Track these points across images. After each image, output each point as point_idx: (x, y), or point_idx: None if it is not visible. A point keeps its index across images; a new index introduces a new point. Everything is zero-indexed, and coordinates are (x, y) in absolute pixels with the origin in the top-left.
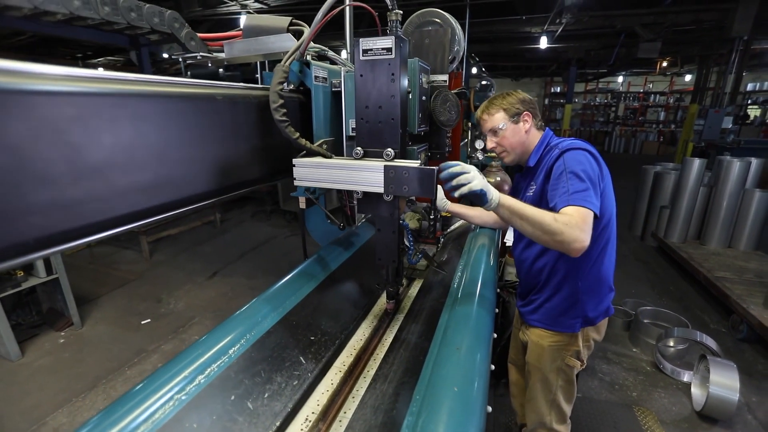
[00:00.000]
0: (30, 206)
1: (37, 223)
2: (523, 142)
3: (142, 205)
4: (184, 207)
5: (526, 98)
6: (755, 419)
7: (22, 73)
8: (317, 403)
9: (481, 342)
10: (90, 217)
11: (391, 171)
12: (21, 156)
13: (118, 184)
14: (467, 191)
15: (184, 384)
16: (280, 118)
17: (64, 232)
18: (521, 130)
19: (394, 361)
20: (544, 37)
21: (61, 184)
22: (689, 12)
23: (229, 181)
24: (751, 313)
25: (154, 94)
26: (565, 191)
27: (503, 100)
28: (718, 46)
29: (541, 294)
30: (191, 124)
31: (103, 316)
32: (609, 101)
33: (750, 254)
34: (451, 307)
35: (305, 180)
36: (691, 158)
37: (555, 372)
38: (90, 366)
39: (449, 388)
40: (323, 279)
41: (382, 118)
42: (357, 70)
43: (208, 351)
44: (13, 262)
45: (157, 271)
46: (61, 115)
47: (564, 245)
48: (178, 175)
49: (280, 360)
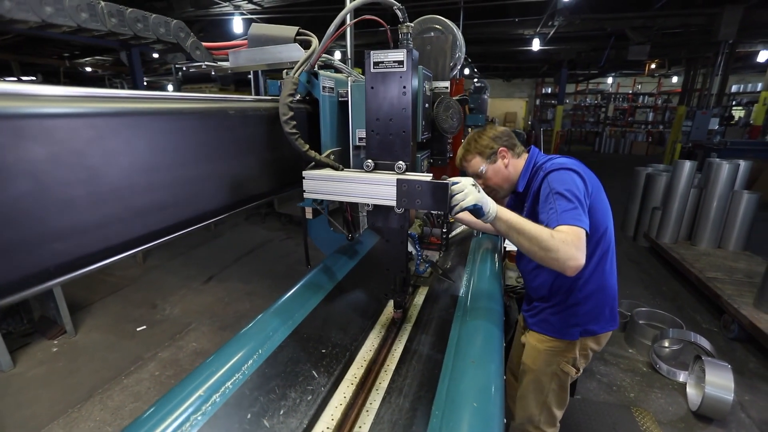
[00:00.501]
0: (52, 232)
1: (59, 250)
2: (507, 176)
3: (159, 225)
4: (199, 223)
5: (499, 134)
6: (748, 417)
7: (39, 96)
8: (331, 417)
9: (493, 354)
10: (109, 239)
11: (404, 185)
12: (41, 181)
13: (135, 205)
14: (459, 210)
15: (200, 404)
16: (290, 130)
17: (84, 256)
18: (501, 167)
19: (407, 374)
20: (537, 39)
21: (81, 207)
22: (678, 16)
23: (241, 196)
24: (742, 313)
25: (169, 111)
26: (554, 212)
27: (476, 143)
28: (704, 49)
29: (543, 302)
30: (205, 140)
31: (96, 324)
32: (599, 102)
33: (739, 254)
34: (462, 318)
35: (315, 192)
36: (682, 161)
37: (549, 375)
38: (85, 375)
39: (468, 403)
40: (330, 290)
41: (393, 130)
42: (368, 82)
43: (221, 368)
44: (35, 290)
45: (151, 276)
46: (79, 138)
47: (559, 263)
48: (194, 192)
49: (294, 375)
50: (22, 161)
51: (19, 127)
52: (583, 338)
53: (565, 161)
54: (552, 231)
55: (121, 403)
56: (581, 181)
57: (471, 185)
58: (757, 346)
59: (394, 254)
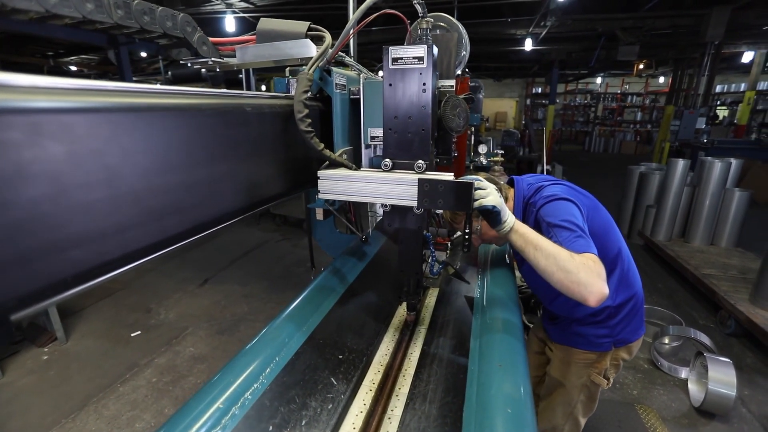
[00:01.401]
0: (69, 238)
1: (77, 257)
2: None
3: (178, 228)
4: (217, 226)
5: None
6: (749, 412)
7: (54, 89)
8: (353, 426)
9: (519, 357)
10: (128, 245)
11: (426, 184)
12: (59, 182)
13: (154, 207)
14: (478, 206)
15: (219, 416)
16: (305, 128)
17: (102, 264)
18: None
19: (429, 379)
20: (529, 39)
21: (100, 211)
22: (667, 17)
23: (257, 197)
24: (738, 308)
25: (187, 107)
26: (558, 244)
27: None
28: (691, 50)
29: (570, 317)
30: (223, 138)
31: (89, 330)
32: (588, 102)
33: (731, 251)
34: (481, 322)
35: (330, 193)
36: (675, 159)
37: (578, 388)
38: (78, 384)
39: (502, 409)
40: (342, 293)
41: (411, 129)
42: (386, 79)
43: (238, 378)
44: (50, 301)
45: (145, 280)
46: (96, 135)
47: (580, 287)
48: (211, 193)
49: (312, 383)
50: (38, 160)
51: (35, 122)
52: (615, 349)
53: (553, 192)
54: (572, 252)
55: (118, 412)
56: (575, 208)
57: (494, 189)
58: (753, 341)
59: (410, 255)
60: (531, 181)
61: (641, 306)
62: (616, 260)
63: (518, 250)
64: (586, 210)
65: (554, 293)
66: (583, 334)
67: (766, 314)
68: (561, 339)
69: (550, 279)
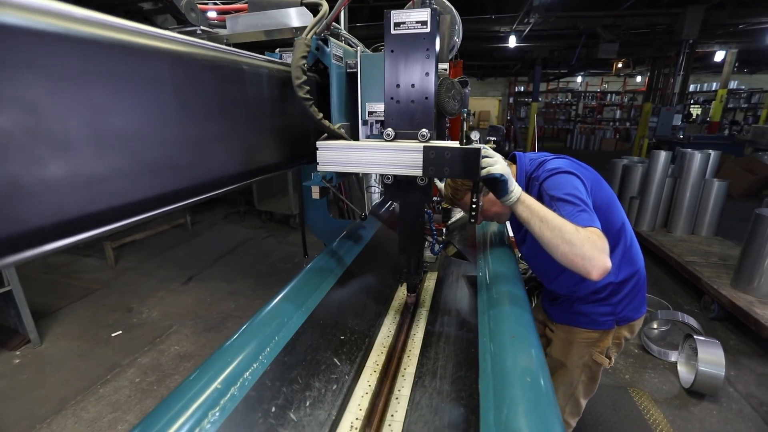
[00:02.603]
0: (49, 179)
1: (58, 203)
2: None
3: (172, 186)
4: (213, 191)
5: None
6: (736, 392)
7: (37, 9)
8: (359, 407)
9: (530, 328)
10: (117, 197)
11: (432, 152)
12: (38, 115)
13: (145, 158)
14: (486, 174)
15: (217, 397)
16: (303, 95)
17: (89, 215)
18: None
19: (437, 357)
20: (513, 36)
21: (85, 154)
22: (644, 15)
23: (253, 164)
24: (721, 293)
25: (184, 55)
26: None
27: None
28: (667, 49)
29: (573, 295)
30: (218, 94)
31: (65, 331)
32: (569, 100)
33: (711, 240)
34: (487, 295)
35: (330, 164)
36: (657, 151)
37: (580, 368)
38: (54, 387)
39: (521, 379)
40: (341, 274)
41: (414, 97)
42: (387, 45)
43: (236, 358)
44: (25, 255)
45: (125, 279)
46: (84, 69)
47: (584, 261)
48: (206, 152)
49: (315, 363)
50: (14, 84)
51: (13, 40)
52: (618, 327)
53: (556, 165)
54: (577, 226)
55: (98, 414)
56: (579, 181)
57: (501, 158)
58: (735, 324)
59: (412, 232)
60: (533, 157)
61: (644, 283)
62: (619, 235)
63: (524, 221)
64: (589, 184)
65: (555, 272)
66: (586, 313)
67: (747, 297)
68: (562, 319)
69: (555, 252)
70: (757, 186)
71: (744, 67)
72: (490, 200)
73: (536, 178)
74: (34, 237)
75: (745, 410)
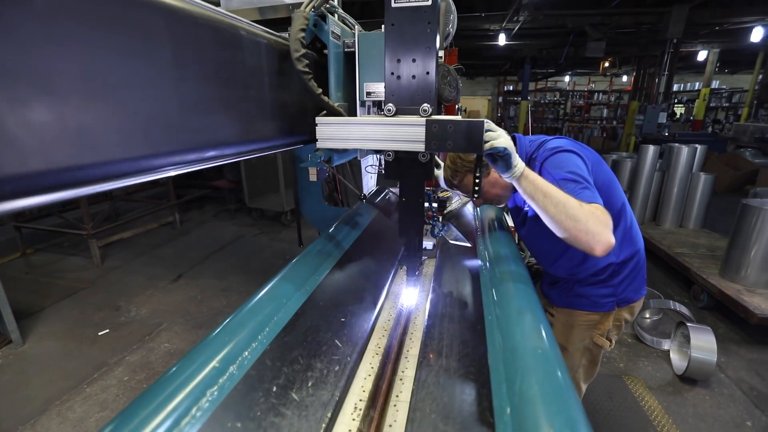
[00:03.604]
0: (32, 124)
1: (39, 148)
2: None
3: (170, 147)
4: (209, 162)
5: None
6: (727, 377)
7: None
8: (362, 388)
9: (536, 303)
10: (102, 152)
11: (435, 125)
12: (25, 52)
13: (135, 113)
14: (489, 147)
15: (215, 376)
16: (302, 69)
17: (77, 167)
18: (495, 177)
19: (442, 336)
20: (503, 35)
21: (71, 100)
22: (631, 14)
23: (248, 134)
24: (711, 282)
25: (182, 11)
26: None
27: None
28: (652, 48)
29: (573, 278)
30: (215, 57)
31: (49, 331)
32: (558, 99)
33: (699, 232)
34: (490, 274)
35: (330, 139)
36: (646, 145)
37: (581, 351)
38: (38, 387)
39: (532, 351)
40: (339, 257)
41: (416, 72)
42: (388, 19)
43: (233, 337)
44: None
45: (112, 277)
46: (74, 8)
47: (588, 236)
48: (203, 116)
49: (316, 344)
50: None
51: None
52: (618, 309)
53: (557, 143)
54: (580, 201)
55: (84, 413)
56: (580, 160)
57: (505, 132)
58: (724, 312)
59: (412, 213)
60: (532, 138)
61: (643, 264)
62: (620, 215)
63: (527, 197)
64: (590, 163)
65: (556, 254)
66: (586, 295)
67: (735, 286)
68: (563, 302)
69: (558, 227)
70: (740, 181)
71: (725, 68)
72: (490, 182)
73: (537, 158)
74: (16, 185)
75: (735, 395)
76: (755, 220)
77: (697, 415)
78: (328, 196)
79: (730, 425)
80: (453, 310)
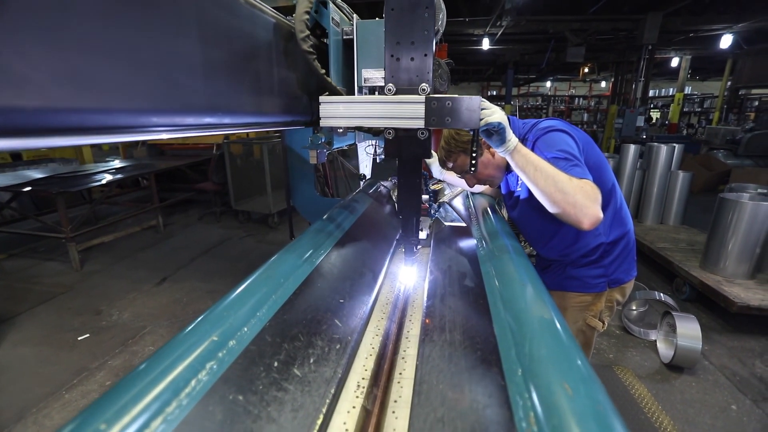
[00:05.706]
0: (30, 56)
1: (39, 84)
2: (497, 164)
3: (170, 106)
4: (207, 129)
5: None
6: (711, 364)
7: None
8: (364, 367)
9: (535, 275)
10: (107, 101)
11: (434, 102)
12: None
13: (140, 65)
14: (484, 124)
15: (213, 349)
16: (307, 48)
17: (75, 110)
18: (488, 158)
19: (444, 314)
20: (486, 39)
21: (73, 44)
22: (609, 20)
23: (250, 106)
24: (692, 274)
25: None
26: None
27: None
28: (629, 54)
29: (565, 259)
30: (217, 24)
31: (24, 337)
32: (540, 104)
33: (679, 228)
34: (487, 250)
35: (333, 117)
36: (627, 144)
37: (574, 333)
38: (13, 395)
39: (538, 317)
40: (337, 241)
41: (414, 53)
42: (388, 4)
43: (232, 313)
44: None
45: (92, 282)
46: None
47: (576, 209)
48: (195, 77)
49: (316, 323)
50: None
51: None
52: (610, 289)
53: (549, 123)
54: (570, 176)
55: (63, 420)
56: (571, 139)
57: (499, 108)
58: (705, 303)
59: (410, 193)
60: (525, 121)
61: (633, 246)
62: (610, 195)
63: (519, 170)
64: (581, 143)
65: (548, 235)
66: (578, 277)
67: (715, 277)
68: (554, 285)
69: (547, 200)
70: (714, 181)
71: (696, 75)
72: (483, 162)
73: (529, 138)
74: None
75: (720, 380)
76: (732, 214)
77: (685, 401)
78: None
79: (716, 409)
80: (453, 287)
